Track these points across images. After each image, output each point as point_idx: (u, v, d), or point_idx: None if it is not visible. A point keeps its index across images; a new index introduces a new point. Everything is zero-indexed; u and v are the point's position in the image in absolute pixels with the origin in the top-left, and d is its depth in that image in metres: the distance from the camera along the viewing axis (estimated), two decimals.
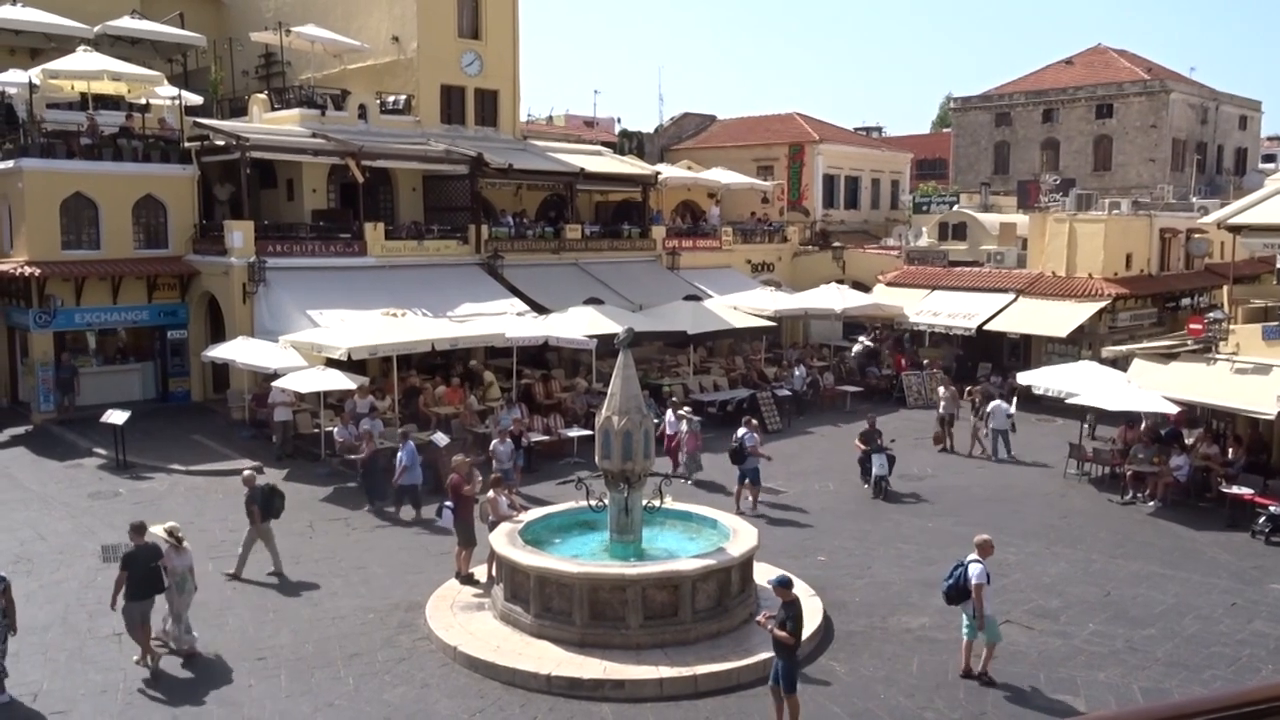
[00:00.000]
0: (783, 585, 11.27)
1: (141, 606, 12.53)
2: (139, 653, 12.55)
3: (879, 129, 67.35)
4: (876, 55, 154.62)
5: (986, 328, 30.88)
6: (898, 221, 45.78)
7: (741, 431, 19.74)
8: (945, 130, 64.13)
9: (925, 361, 31.92)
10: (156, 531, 13.28)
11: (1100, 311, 30.08)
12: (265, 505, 15.70)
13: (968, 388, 26.26)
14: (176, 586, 12.81)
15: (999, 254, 35.03)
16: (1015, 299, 31.50)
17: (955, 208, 40.58)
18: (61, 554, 16.63)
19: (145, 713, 11.40)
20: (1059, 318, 29.88)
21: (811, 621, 13.52)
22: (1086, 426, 24.61)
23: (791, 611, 10.94)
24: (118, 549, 16.64)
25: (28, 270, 24.84)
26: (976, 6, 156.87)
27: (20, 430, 24.81)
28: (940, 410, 24.95)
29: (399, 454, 18.98)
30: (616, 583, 12.89)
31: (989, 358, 32.58)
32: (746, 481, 19.31)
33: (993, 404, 23.98)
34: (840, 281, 35.22)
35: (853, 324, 35.50)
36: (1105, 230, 31.32)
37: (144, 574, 12.49)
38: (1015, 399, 24.69)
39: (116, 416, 21.66)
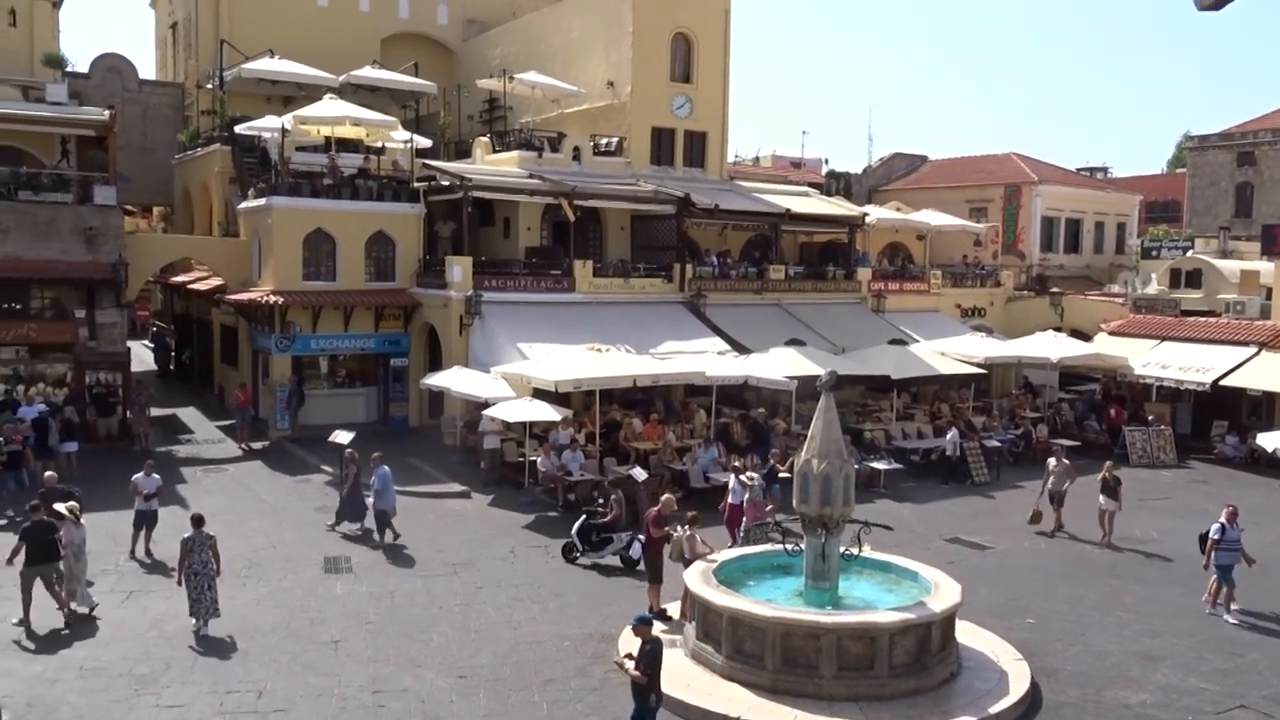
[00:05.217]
0: (643, 623, 10.73)
1: (38, 571, 14.47)
2: (18, 616, 14.47)
3: (1104, 169, 63.94)
4: (1104, 92, 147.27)
5: (1223, 383, 28.58)
6: (1123, 267, 43.24)
7: (1215, 525, 16.49)
8: (1179, 171, 60.25)
9: (1151, 417, 29.85)
10: (60, 508, 15.17)
11: None
12: None
13: (1108, 463, 21.47)
14: (73, 555, 14.89)
15: (1239, 304, 32.44)
16: (1258, 352, 29.02)
17: (1189, 253, 37.99)
18: (289, 562, 17.88)
19: (356, 718, 12.04)
20: None
21: (1018, 688, 12.85)
22: None
23: (646, 650, 10.42)
24: (338, 561, 17.88)
25: (272, 299, 27.11)
26: (1217, 40, 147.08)
27: (259, 445, 26.94)
28: (1049, 485, 21.10)
29: (373, 478, 19.17)
30: (811, 630, 12.63)
31: (1225, 416, 30.11)
32: (1215, 579, 16.41)
33: None
34: (1058, 329, 33.51)
35: (1070, 375, 33.70)
36: None
37: (39, 544, 14.51)
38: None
39: (342, 436, 23.10)
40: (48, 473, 18.82)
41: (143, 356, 40.43)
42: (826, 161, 65.36)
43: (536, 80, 34.36)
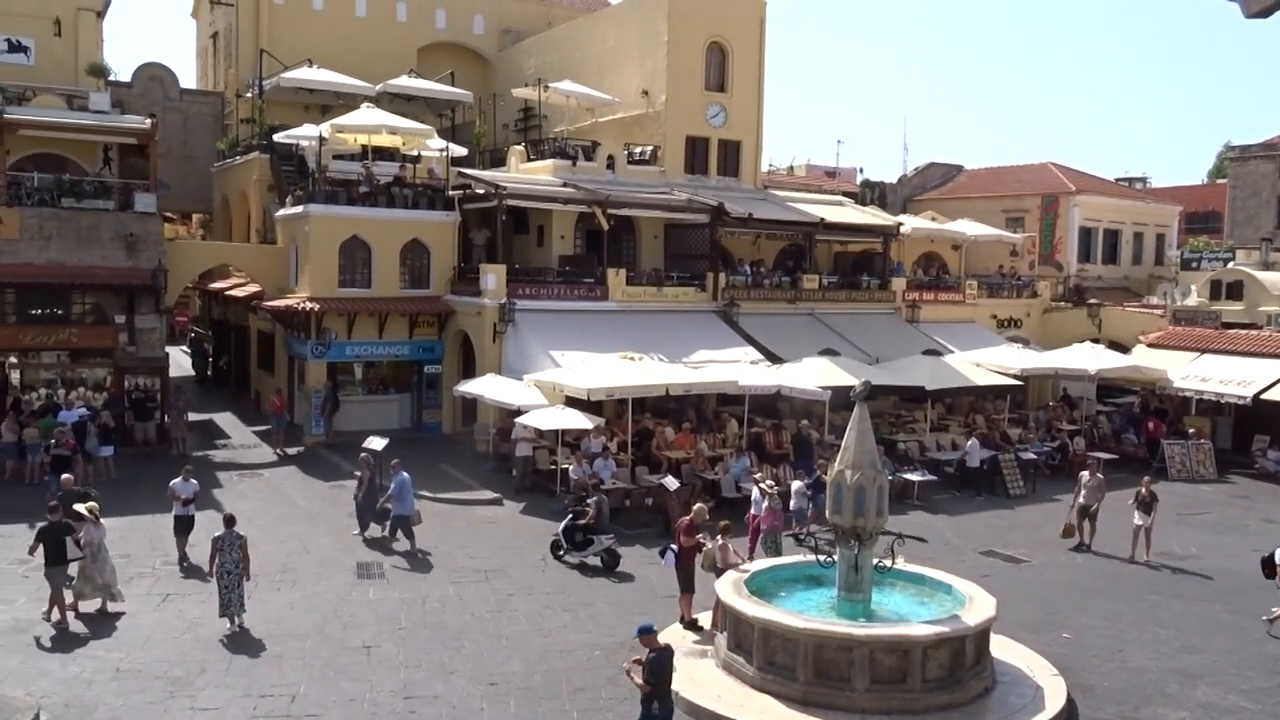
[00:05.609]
0: (647, 633, 10.85)
1: (60, 570, 14.87)
2: (57, 613, 14.82)
3: (1144, 179, 63.13)
4: (1144, 102, 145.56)
5: (1264, 396, 28.10)
6: (1162, 278, 42.66)
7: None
8: (1220, 181, 59.37)
9: (1190, 430, 29.40)
10: (80, 509, 15.57)
11: None
12: None
13: (1145, 478, 21.00)
14: (91, 556, 15.19)
15: None
16: None
17: (1230, 264, 37.34)
18: (322, 567, 18.00)
19: None
20: None
21: (1054, 703, 12.68)
22: None
23: (650, 659, 10.58)
24: (370, 566, 17.99)
25: (309, 305, 27.38)
26: (1259, 48, 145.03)
27: (293, 451, 27.18)
28: (1080, 499, 20.72)
29: (392, 483, 19.39)
30: (843, 642, 12.54)
31: (1266, 430, 29.59)
32: None
33: None
34: (1095, 341, 33.11)
35: (1108, 387, 33.29)
36: None
37: (54, 544, 14.87)
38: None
39: (375, 443, 23.27)
40: (64, 474, 19.07)
41: (181, 362, 40.93)
42: (861, 171, 65.26)
43: (571, 89, 34.50)
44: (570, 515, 19.10)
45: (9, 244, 25.84)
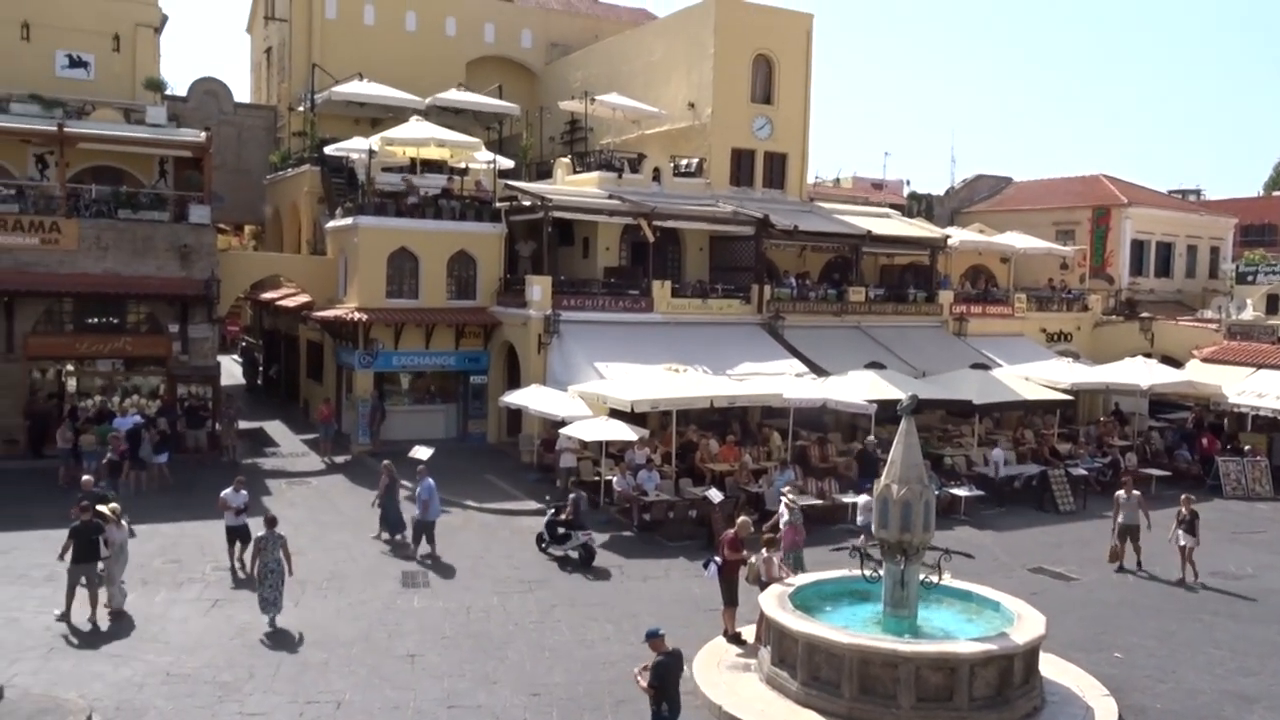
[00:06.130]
0: (654, 637, 11.12)
1: (82, 569, 15.12)
2: (62, 609, 15.19)
3: (1197, 192, 61.98)
4: (1197, 114, 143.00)
5: None
6: (1217, 292, 41.88)
7: None
8: (1276, 193, 58.17)
9: (1246, 447, 28.75)
10: (102, 509, 15.90)
11: None
12: None
13: (1184, 496, 20.31)
14: (114, 555, 15.51)
15: None
16: None
17: None
18: (368, 575, 18.17)
19: None
20: None
21: None
22: None
23: (656, 663, 10.89)
24: (415, 575, 18.13)
25: (357, 315, 27.73)
26: None
27: (340, 459, 27.49)
28: (1120, 519, 20.11)
29: (417, 489, 19.48)
30: (889, 659, 12.40)
31: None
32: None
33: None
34: (1147, 355, 32.55)
35: (1160, 402, 32.67)
36: None
37: (85, 543, 15.12)
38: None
39: (422, 452, 23.41)
40: (85, 476, 19.50)
41: (232, 370, 41.60)
42: (908, 183, 64.46)
43: (617, 102, 34.66)
44: (552, 511, 19.89)
45: (67, 254, 26.53)
